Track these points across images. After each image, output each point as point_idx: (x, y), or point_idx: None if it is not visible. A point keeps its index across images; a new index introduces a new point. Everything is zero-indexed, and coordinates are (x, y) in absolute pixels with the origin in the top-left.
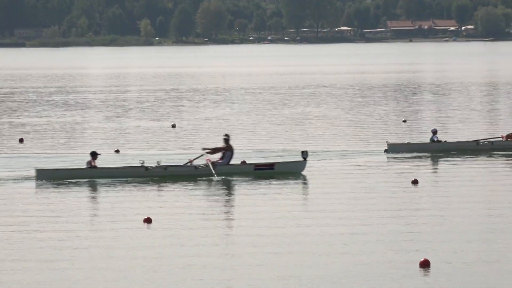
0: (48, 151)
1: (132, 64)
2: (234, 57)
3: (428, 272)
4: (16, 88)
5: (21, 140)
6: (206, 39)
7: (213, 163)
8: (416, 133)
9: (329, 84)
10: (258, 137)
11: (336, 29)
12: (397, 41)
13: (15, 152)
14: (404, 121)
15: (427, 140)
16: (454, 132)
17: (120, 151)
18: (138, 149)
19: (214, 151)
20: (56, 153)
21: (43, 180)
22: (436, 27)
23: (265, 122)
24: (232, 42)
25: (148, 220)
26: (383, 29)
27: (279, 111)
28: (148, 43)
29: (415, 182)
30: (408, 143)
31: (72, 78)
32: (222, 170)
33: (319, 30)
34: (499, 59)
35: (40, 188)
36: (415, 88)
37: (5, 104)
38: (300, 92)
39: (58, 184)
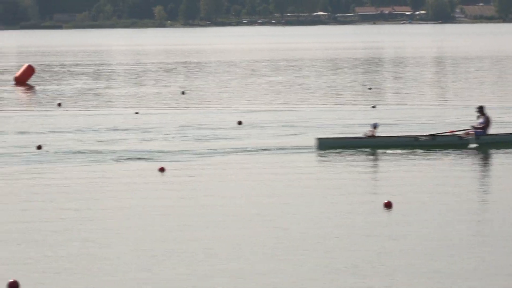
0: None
1: (149, 42)
2: (232, 36)
3: (391, 211)
4: (55, 61)
5: (59, 104)
6: (208, 22)
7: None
8: (380, 98)
9: (307, 57)
10: (242, 100)
11: (314, 13)
12: (364, 24)
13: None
14: (370, 88)
15: None
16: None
17: (139, 113)
18: (155, 110)
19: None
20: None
21: None
22: (395, 12)
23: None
24: (229, 24)
25: None
26: (352, 14)
27: (267, 78)
28: (162, 25)
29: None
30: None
31: (100, 54)
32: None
33: (300, 14)
34: (445, 38)
35: None
36: (378, 61)
37: (47, 74)
38: (285, 64)
39: None
